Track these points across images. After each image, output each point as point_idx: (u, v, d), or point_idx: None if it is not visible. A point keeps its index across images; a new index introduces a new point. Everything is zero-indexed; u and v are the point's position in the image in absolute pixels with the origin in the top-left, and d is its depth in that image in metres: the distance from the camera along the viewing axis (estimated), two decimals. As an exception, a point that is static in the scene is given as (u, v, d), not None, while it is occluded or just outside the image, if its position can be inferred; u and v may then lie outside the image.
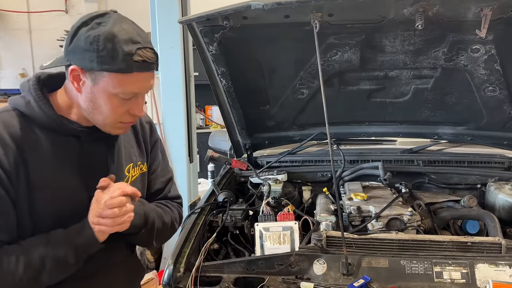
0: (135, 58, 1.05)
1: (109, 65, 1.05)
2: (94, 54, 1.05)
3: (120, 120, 1.15)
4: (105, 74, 1.06)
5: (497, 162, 2.48)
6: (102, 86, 1.08)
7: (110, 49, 1.04)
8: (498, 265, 1.53)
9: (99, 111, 1.11)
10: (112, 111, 1.11)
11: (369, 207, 1.93)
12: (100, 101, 1.10)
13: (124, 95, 1.10)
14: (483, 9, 1.53)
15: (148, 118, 1.43)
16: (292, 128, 2.56)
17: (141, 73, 1.09)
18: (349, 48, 1.94)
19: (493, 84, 2.07)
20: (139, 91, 1.12)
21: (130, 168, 1.27)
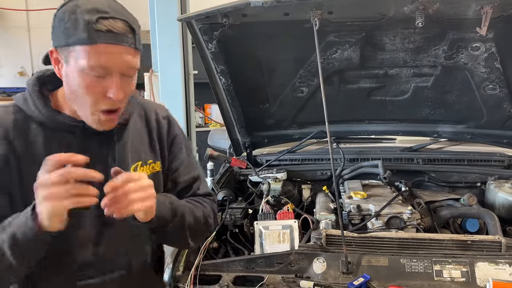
0: (97, 27, 0.97)
1: (72, 37, 0.99)
2: (61, 29, 1.02)
3: (99, 108, 1.04)
4: (71, 49, 1.00)
5: (497, 161, 2.48)
6: (72, 64, 1.02)
7: (73, 20, 0.99)
8: (498, 264, 1.52)
9: (76, 96, 1.04)
10: (87, 92, 1.02)
11: (368, 205, 1.93)
12: (74, 83, 1.03)
13: (92, 70, 1.00)
14: (484, 7, 1.53)
15: (165, 112, 1.32)
16: (292, 127, 2.56)
17: (108, 45, 0.99)
18: (349, 46, 1.93)
19: (493, 82, 2.07)
20: (108, 66, 1.00)
21: (138, 167, 1.19)
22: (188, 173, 1.34)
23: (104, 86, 1.02)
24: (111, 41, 0.99)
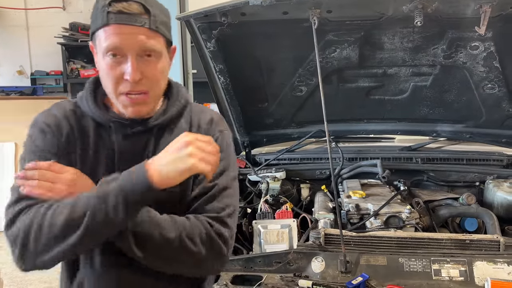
0: (109, 9, 1.02)
1: (94, 24, 1.06)
2: (91, 22, 1.09)
3: (119, 90, 1.06)
4: (95, 36, 1.07)
5: (495, 160, 2.48)
6: (98, 50, 1.08)
7: (95, 8, 1.07)
8: (497, 263, 1.53)
9: (103, 80, 1.10)
10: (108, 76, 1.06)
11: (367, 204, 1.93)
12: (100, 68, 1.09)
13: (108, 51, 1.04)
14: (483, 6, 1.53)
15: (211, 116, 1.24)
16: (291, 126, 2.56)
17: (119, 25, 1.02)
18: (348, 45, 1.93)
19: (492, 82, 2.07)
20: (120, 46, 1.03)
21: None
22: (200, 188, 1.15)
23: (121, 69, 1.05)
24: (122, 21, 1.02)
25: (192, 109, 1.23)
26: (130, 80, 1.04)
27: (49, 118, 1.14)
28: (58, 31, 5.72)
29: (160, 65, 1.09)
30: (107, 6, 1.02)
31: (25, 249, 0.99)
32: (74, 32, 5.73)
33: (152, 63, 1.07)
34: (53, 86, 6.13)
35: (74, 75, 5.87)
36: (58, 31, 5.72)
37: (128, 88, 1.06)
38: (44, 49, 6.04)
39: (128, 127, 1.12)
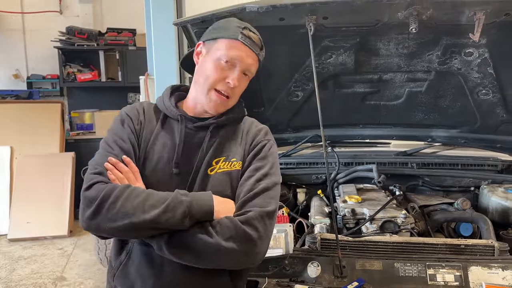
0: (242, 31, 1.32)
1: (222, 33, 1.34)
2: (216, 28, 1.39)
3: (215, 86, 1.32)
4: (217, 41, 1.33)
5: (490, 165, 2.49)
6: (212, 52, 1.33)
7: (227, 24, 1.37)
8: (491, 268, 1.54)
9: (203, 74, 1.34)
10: (213, 74, 1.31)
11: (363, 209, 1.93)
12: (206, 66, 1.33)
13: (225, 58, 1.30)
14: (477, 13, 1.55)
15: (262, 126, 1.46)
16: (287, 131, 2.57)
17: (244, 45, 1.31)
18: (344, 51, 1.94)
19: (486, 88, 2.09)
20: (238, 59, 1.31)
21: (220, 161, 1.34)
22: (247, 185, 1.28)
23: (227, 73, 1.32)
24: (247, 43, 1.32)
25: (247, 119, 1.48)
26: (230, 84, 1.31)
27: (130, 109, 1.40)
28: (55, 35, 5.71)
29: (246, 84, 1.39)
30: (241, 28, 1.33)
31: (98, 212, 1.17)
32: (71, 36, 5.73)
33: (244, 81, 1.37)
34: (50, 90, 6.11)
35: (71, 79, 5.86)
36: (55, 35, 5.71)
37: (224, 88, 1.32)
38: (40, 53, 6.03)
39: (193, 121, 1.37)
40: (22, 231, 4.73)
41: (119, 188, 1.19)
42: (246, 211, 1.22)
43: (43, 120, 5.43)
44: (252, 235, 1.18)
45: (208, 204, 1.22)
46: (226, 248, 1.16)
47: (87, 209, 1.18)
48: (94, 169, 1.25)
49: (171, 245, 1.19)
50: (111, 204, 1.17)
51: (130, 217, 1.15)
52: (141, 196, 1.19)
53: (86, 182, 1.23)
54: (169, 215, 1.17)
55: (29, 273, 3.94)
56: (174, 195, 1.20)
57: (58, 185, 4.99)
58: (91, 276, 3.89)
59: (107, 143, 1.31)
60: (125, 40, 5.84)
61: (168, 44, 3.42)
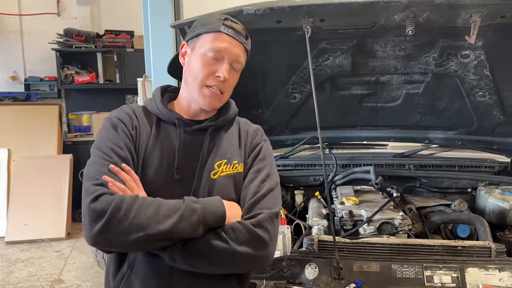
0: (224, 22, 1.28)
1: (205, 27, 1.30)
2: (197, 25, 1.33)
3: (206, 83, 1.28)
4: (201, 37, 1.30)
5: (487, 167, 2.50)
6: (196, 49, 1.30)
7: (207, 19, 1.33)
8: (488, 269, 1.54)
9: (191, 73, 1.30)
10: (202, 70, 1.27)
11: (360, 211, 1.94)
12: (194, 64, 1.30)
13: (211, 52, 1.26)
14: (472, 16, 1.55)
15: (257, 126, 1.47)
16: (285, 132, 2.57)
17: (228, 36, 1.28)
18: (341, 53, 1.95)
19: (483, 90, 2.10)
20: (224, 51, 1.27)
21: (221, 164, 1.32)
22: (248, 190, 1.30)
23: (216, 67, 1.28)
24: (232, 34, 1.28)
25: (239, 120, 1.46)
26: (221, 78, 1.27)
27: (121, 114, 1.32)
28: (53, 37, 5.72)
29: (237, 77, 1.35)
30: (223, 20, 1.29)
31: (108, 226, 1.10)
32: (69, 38, 5.73)
33: (235, 73, 1.33)
34: (47, 92, 6.11)
35: (68, 81, 5.86)
36: (53, 37, 5.72)
37: (215, 83, 1.28)
38: (38, 55, 6.03)
39: (190, 125, 1.33)
40: (19, 234, 4.72)
41: (129, 199, 1.13)
42: (256, 214, 1.23)
43: (40, 122, 5.42)
44: (264, 238, 1.20)
45: (220, 210, 1.20)
46: (242, 253, 1.17)
47: (95, 223, 1.10)
48: (96, 180, 1.16)
49: (185, 254, 1.16)
50: (123, 217, 1.10)
51: (145, 229, 1.10)
52: (153, 206, 1.14)
53: (89, 194, 1.13)
54: (184, 224, 1.13)
55: (26, 276, 3.93)
56: (186, 203, 1.17)
57: (56, 188, 4.98)
58: (88, 278, 3.88)
59: (101, 150, 1.23)
60: (123, 42, 5.85)
61: (166, 46, 3.43)
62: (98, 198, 1.12)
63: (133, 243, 1.12)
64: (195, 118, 1.35)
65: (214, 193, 1.27)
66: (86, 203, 1.12)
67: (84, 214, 1.13)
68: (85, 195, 1.14)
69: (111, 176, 1.17)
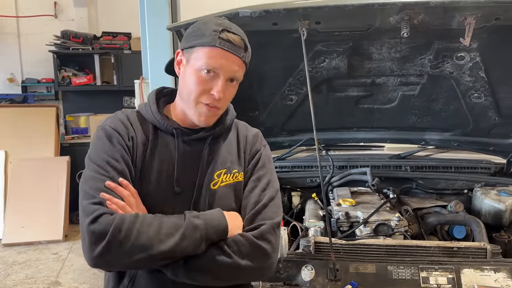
0: (220, 35, 1.19)
1: (199, 40, 1.21)
2: (192, 34, 1.24)
3: (201, 100, 1.22)
4: (195, 49, 1.21)
5: (483, 168, 2.51)
6: (191, 62, 1.22)
7: (203, 28, 1.22)
8: (484, 270, 1.55)
9: (186, 87, 1.24)
10: (195, 85, 1.21)
11: (357, 212, 1.94)
12: (188, 78, 1.23)
13: (205, 69, 1.19)
14: (467, 18, 1.56)
15: (256, 131, 1.43)
16: (281, 134, 2.58)
17: (224, 51, 1.19)
18: (337, 55, 1.96)
19: (478, 91, 2.11)
20: (220, 68, 1.20)
21: (221, 174, 1.29)
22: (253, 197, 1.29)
23: (211, 85, 1.21)
24: (228, 49, 1.19)
25: (238, 124, 1.41)
26: (215, 97, 1.21)
27: (115, 123, 1.25)
28: (50, 38, 5.71)
29: (235, 90, 1.28)
30: (219, 32, 1.19)
31: (110, 248, 1.07)
32: (66, 40, 5.73)
33: (232, 88, 1.26)
34: (44, 94, 6.10)
35: (66, 83, 5.86)
36: (50, 38, 5.71)
37: (209, 101, 1.22)
38: (35, 56, 6.02)
39: (188, 134, 1.28)
40: (16, 236, 4.70)
41: (129, 219, 1.10)
42: (258, 225, 1.21)
43: (38, 124, 5.42)
44: (267, 250, 1.19)
45: (222, 224, 1.18)
46: (245, 266, 1.16)
47: (96, 246, 1.07)
48: (93, 198, 1.12)
49: (188, 270, 1.15)
50: (124, 239, 1.07)
51: (147, 249, 1.08)
52: (154, 224, 1.11)
53: (88, 215, 1.09)
54: (187, 242, 1.12)
55: (23, 278, 3.93)
56: (187, 220, 1.15)
57: (53, 190, 4.98)
58: (86, 280, 3.88)
59: (97, 164, 1.17)
60: (120, 44, 5.85)
61: (163, 48, 3.43)
62: (97, 219, 1.08)
63: (135, 263, 1.10)
64: (192, 127, 1.30)
65: (215, 203, 1.25)
66: (85, 225, 1.09)
67: (84, 235, 1.09)
68: (83, 215, 1.11)
69: (108, 192, 1.13)
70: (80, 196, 1.15)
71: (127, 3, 5.93)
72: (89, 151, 1.23)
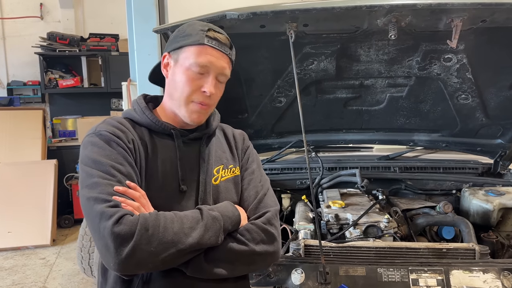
0: (207, 33, 1.24)
1: (187, 40, 1.26)
2: (179, 35, 1.29)
3: (192, 98, 1.26)
4: (183, 49, 1.26)
5: (471, 168, 2.54)
6: (180, 62, 1.26)
7: (190, 29, 1.27)
8: (472, 271, 1.56)
9: (176, 87, 1.27)
10: (186, 84, 1.24)
11: (346, 214, 1.94)
12: (178, 77, 1.26)
13: (196, 66, 1.23)
14: (454, 20, 1.56)
15: (240, 131, 1.51)
16: (271, 136, 2.57)
17: (211, 48, 1.24)
18: (325, 57, 1.95)
19: (466, 92, 2.12)
20: (209, 65, 1.24)
21: (220, 169, 1.35)
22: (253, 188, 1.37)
23: (201, 82, 1.25)
24: (216, 46, 1.25)
25: (222, 125, 1.47)
26: (207, 93, 1.25)
27: (110, 127, 1.24)
28: (36, 40, 5.64)
29: (223, 88, 1.34)
30: (206, 31, 1.25)
31: (137, 248, 1.06)
32: (52, 42, 5.66)
33: (221, 86, 1.32)
34: (31, 97, 6.02)
35: (52, 85, 5.78)
36: (36, 40, 5.64)
37: (201, 99, 1.26)
38: (21, 59, 5.94)
39: (185, 135, 1.32)
40: (2, 241, 4.63)
41: (153, 217, 1.11)
42: (263, 213, 1.29)
43: (24, 127, 5.35)
44: (274, 234, 1.27)
45: (236, 215, 1.25)
46: (260, 252, 1.23)
47: (123, 247, 1.05)
48: (107, 202, 1.09)
49: (209, 263, 1.17)
50: (152, 237, 1.07)
51: (176, 244, 1.10)
52: (176, 220, 1.13)
53: (108, 217, 1.06)
54: (210, 233, 1.16)
55: (10, 284, 3.86)
56: (206, 212, 1.18)
57: (40, 194, 4.91)
58: (74, 286, 3.83)
59: (100, 170, 1.14)
60: (108, 45, 5.79)
61: (151, 50, 3.40)
62: (120, 220, 1.06)
63: (162, 261, 1.10)
64: (185, 127, 1.34)
65: (220, 198, 1.31)
66: (108, 227, 1.05)
67: (106, 240, 1.06)
68: (101, 219, 1.07)
69: (120, 195, 1.12)
70: (89, 204, 1.11)
71: (114, 5, 5.88)
72: (85, 159, 1.19)
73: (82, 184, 1.16)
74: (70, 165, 5.26)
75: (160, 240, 1.08)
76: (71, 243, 4.79)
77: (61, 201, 5.29)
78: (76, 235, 4.60)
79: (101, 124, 1.26)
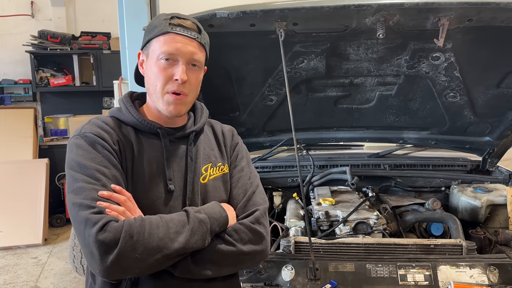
0: (170, 21, 1.23)
1: (152, 33, 1.25)
2: (146, 32, 1.28)
3: (166, 89, 1.23)
4: (151, 42, 1.25)
5: (460, 165, 2.57)
6: (150, 55, 1.25)
7: (154, 22, 1.27)
8: (459, 267, 1.58)
9: (150, 81, 1.26)
10: (159, 76, 1.23)
11: (336, 211, 1.96)
12: (150, 71, 1.25)
13: (163, 55, 1.21)
14: (441, 19, 1.59)
15: (230, 126, 1.49)
16: (262, 134, 2.58)
17: (177, 35, 1.22)
18: (315, 56, 1.97)
19: (454, 91, 2.15)
20: (176, 52, 1.22)
21: (208, 168, 1.34)
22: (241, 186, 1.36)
23: (172, 71, 1.23)
24: (181, 32, 1.23)
25: (210, 121, 1.46)
26: (179, 81, 1.22)
27: (95, 129, 1.22)
28: (27, 38, 5.59)
29: (199, 75, 1.30)
30: (168, 19, 1.24)
31: (123, 255, 1.05)
32: (43, 40, 5.62)
33: (195, 72, 1.27)
34: (22, 95, 5.97)
35: (44, 83, 5.75)
36: (27, 38, 5.59)
37: (175, 88, 1.23)
38: (12, 57, 5.89)
39: (171, 133, 1.30)
40: (-6, 241, 4.61)
41: (137, 223, 1.09)
42: (252, 212, 1.28)
43: (15, 126, 5.31)
44: (263, 233, 1.26)
45: (223, 216, 1.23)
46: (248, 252, 1.22)
47: (108, 254, 1.04)
48: (91, 208, 1.08)
49: (196, 264, 1.17)
50: (136, 243, 1.06)
51: (161, 250, 1.09)
52: (161, 225, 1.12)
53: (92, 224, 1.05)
54: (196, 237, 1.15)
55: (1, 284, 3.84)
56: (192, 216, 1.17)
57: (32, 193, 4.88)
58: (66, 285, 3.82)
59: (84, 174, 1.13)
60: (100, 44, 5.76)
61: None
62: (104, 227, 1.05)
63: (149, 266, 1.09)
64: (171, 125, 1.32)
65: (208, 197, 1.30)
66: (92, 235, 1.04)
67: (90, 248, 1.05)
68: (86, 227, 1.06)
69: (104, 200, 1.11)
70: (74, 210, 1.10)
71: (106, 3, 5.85)
72: (70, 162, 1.18)
73: (68, 189, 1.15)
74: (62, 164, 5.18)
75: (145, 246, 1.07)
76: (63, 242, 4.78)
77: (53, 200, 5.27)
78: (68, 234, 4.59)
79: (86, 125, 1.25)
